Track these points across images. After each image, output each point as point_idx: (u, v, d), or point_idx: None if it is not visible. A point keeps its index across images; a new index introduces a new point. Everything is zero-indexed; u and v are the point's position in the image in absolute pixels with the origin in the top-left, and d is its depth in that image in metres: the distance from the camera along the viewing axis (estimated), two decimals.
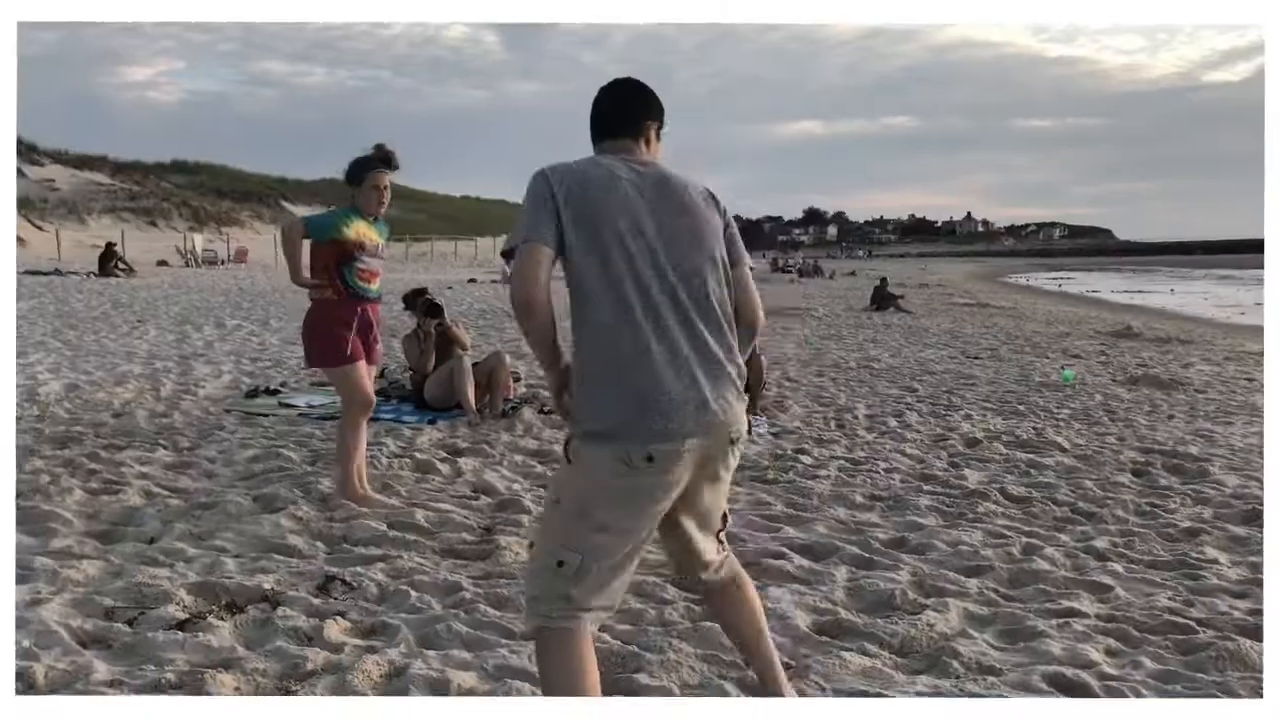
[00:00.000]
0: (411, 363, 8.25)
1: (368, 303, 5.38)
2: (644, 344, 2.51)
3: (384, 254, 5.52)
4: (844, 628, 3.74)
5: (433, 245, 66.88)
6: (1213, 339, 18.13)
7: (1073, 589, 4.24)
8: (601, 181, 2.61)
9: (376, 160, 5.31)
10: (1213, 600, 4.14)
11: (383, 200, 5.36)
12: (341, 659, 3.32)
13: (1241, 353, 15.27)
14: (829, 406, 9.08)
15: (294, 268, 5.27)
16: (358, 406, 5.36)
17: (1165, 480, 6.35)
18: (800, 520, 5.25)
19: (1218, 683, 3.30)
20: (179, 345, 12.74)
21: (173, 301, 20.31)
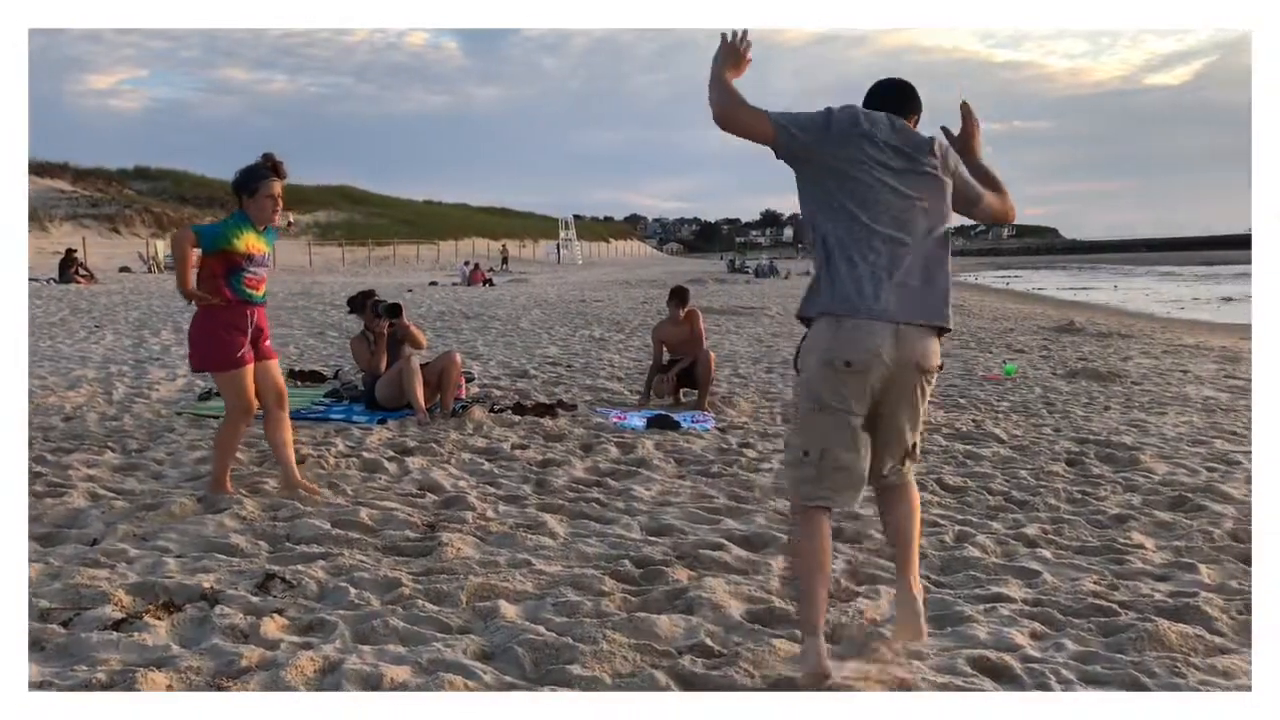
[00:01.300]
0: (362, 364, 8.24)
1: (255, 306, 5.46)
2: None
3: (270, 261, 5.62)
4: (777, 616, 3.81)
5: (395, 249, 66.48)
6: (1151, 333, 18.48)
7: (1001, 575, 4.35)
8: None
9: (268, 170, 5.35)
10: (1136, 584, 4.27)
11: (276, 209, 5.41)
12: (277, 655, 3.34)
13: (1178, 346, 15.60)
14: (776, 401, 9.19)
15: (183, 278, 5.29)
16: (240, 411, 5.47)
17: (1098, 469, 6.51)
18: (741, 512, 5.34)
19: (1135, 663, 3.41)
20: (135, 350, 12.63)
21: (132, 307, 20.08)
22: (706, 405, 8.64)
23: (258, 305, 5.50)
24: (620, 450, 6.80)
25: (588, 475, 6.13)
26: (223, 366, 5.38)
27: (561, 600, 3.91)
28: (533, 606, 3.87)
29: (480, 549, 4.63)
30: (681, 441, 7.14)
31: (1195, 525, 5.15)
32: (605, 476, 6.10)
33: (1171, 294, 39.15)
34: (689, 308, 9.24)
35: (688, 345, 9.09)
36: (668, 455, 6.68)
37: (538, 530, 4.91)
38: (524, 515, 5.18)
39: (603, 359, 12.35)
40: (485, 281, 37.03)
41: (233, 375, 5.39)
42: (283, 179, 5.40)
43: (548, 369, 11.24)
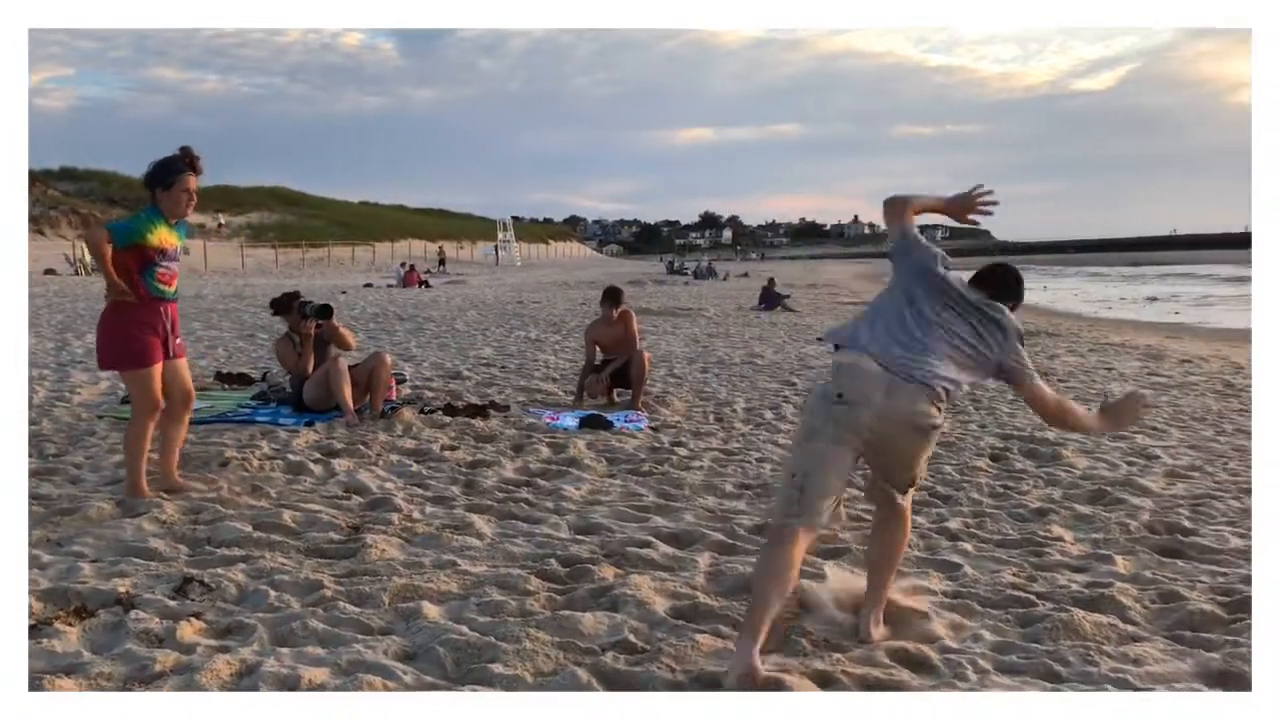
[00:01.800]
0: (288, 366, 8.11)
1: (168, 303, 5.39)
2: None
3: (181, 256, 5.53)
4: (701, 611, 3.83)
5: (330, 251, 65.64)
6: (1079, 332, 18.86)
7: (924, 568, 4.41)
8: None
9: (185, 164, 5.27)
10: (1054, 575, 4.35)
11: (190, 203, 5.33)
12: (192, 660, 3.28)
13: (1104, 344, 15.94)
14: (709, 401, 9.22)
15: (110, 275, 5.19)
16: (148, 410, 5.39)
17: (1020, 464, 6.63)
18: (670, 510, 5.35)
19: (1050, 652, 3.47)
20: (58, 353, 12.33)
21: (56, 310, 19.62)
22: (640, 405, 8.65)
23: (170, 302, 5.40)
24: (551, 450, 6.78)
25: (517, 476, 6.11)
26: (133, 365, 5.28)
27: (486, 600, 3.89)
28: (456, 607, 3.84)
29: (405, 550, 4.59)
30: (614, 441, 7.14)
31: (1113, 518, 5.26)
32: (535, 477, 6.08)
33: (1099, 294, 40.00)
34: (623, 308, 9.24)
35: (622, 345, 9.09)
36: (599, 455, 6.67)
37: (464, 531, 4.88)
38: (451, 516, 5.15)
39: (538, 360, 12.32)
40: (421, 283, 36.72)
41: (143, 374, 5.28)
42: (199, 174, 5.31)
43: (481, 370, 11.18)
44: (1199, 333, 21.42)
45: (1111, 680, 3.22)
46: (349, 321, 17.20)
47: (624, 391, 9.00)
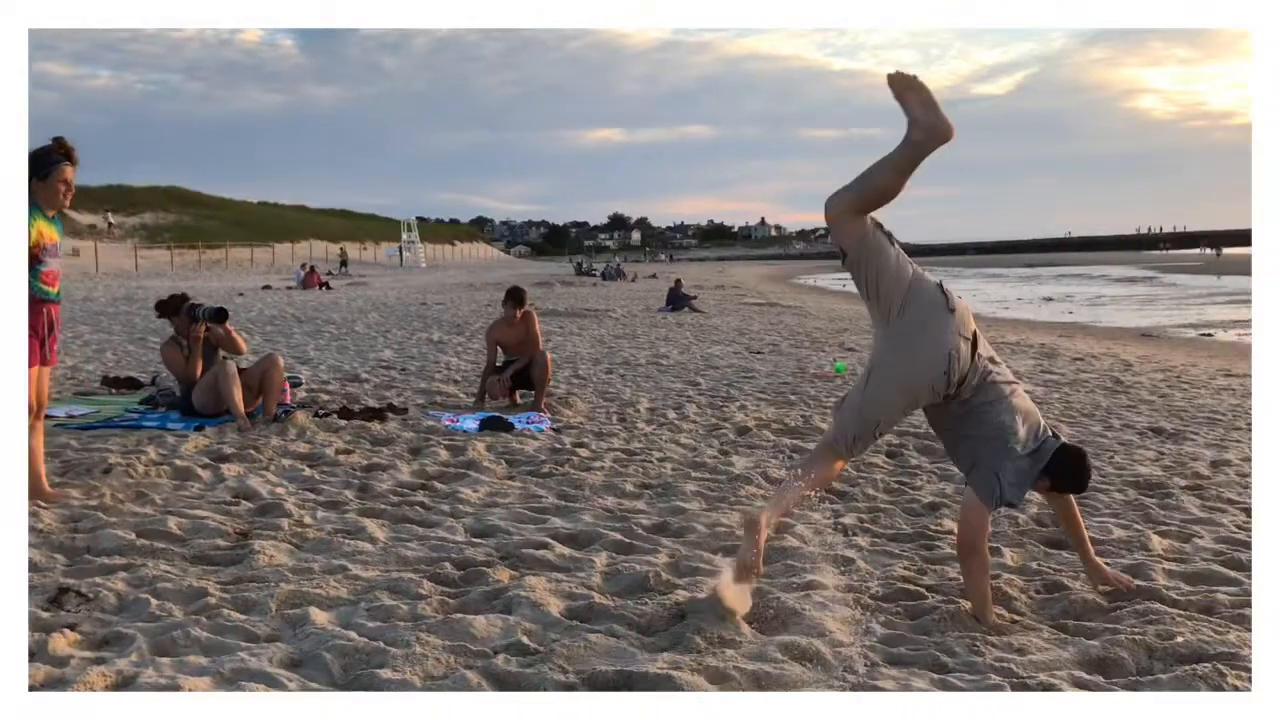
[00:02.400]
0: (176, 371, 7.87)
1: (51, 304, 5.22)
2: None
3: (63, 255, 5.34)
4: (596, 611, 3.80)
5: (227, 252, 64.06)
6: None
7: (818, 563, 4.45)
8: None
9: (60, 155, 5.07)
10: (944, 568, 4.43)
11: (68, 195, 5.14)
12: (65, 672, 3.14)
13: (1000, 344, 16.32)
14: (613, 401, 9.21)
15: None
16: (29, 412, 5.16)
17: (915, 460, 6.75)
18: (568, 510, 5.32)
19: (937, 643, 3.53)
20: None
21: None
22: (542, 406, 8.59)
23: (54, 303, 5.19)
24: (450, 453, 6.69)
25: (414, 479, 6.01)
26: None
27: (376, 605, 3.81)
28: (346, 612, 3.76)
29: (294, 556, 4.47)
30: (514, 443, 7.08)
31: (1002, 511, 5.37)
32: (432, 480, 5.99)
33: (997, 294, 41.09)
34: (525, 309, 9.18)
35: (524, 346, 9.03)
36: (499, 457, 6.61)
37: (357, 535, 4.78)
38: (343, 521, 5.04)
39: (440, 362, 12.17)
40: (322, 285, 36.08)
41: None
42: (75, 164, 5.11)
43: (381, 372, 11.01)
44: (1092, 331, 22.12)
45: (995, 669, 3.28)
46: (245, 325, 16.82)
47: (527, 393, 8.93)
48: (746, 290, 39.01)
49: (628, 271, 53.40)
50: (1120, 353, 15.42)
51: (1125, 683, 3.23)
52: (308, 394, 9.21)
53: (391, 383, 10.18)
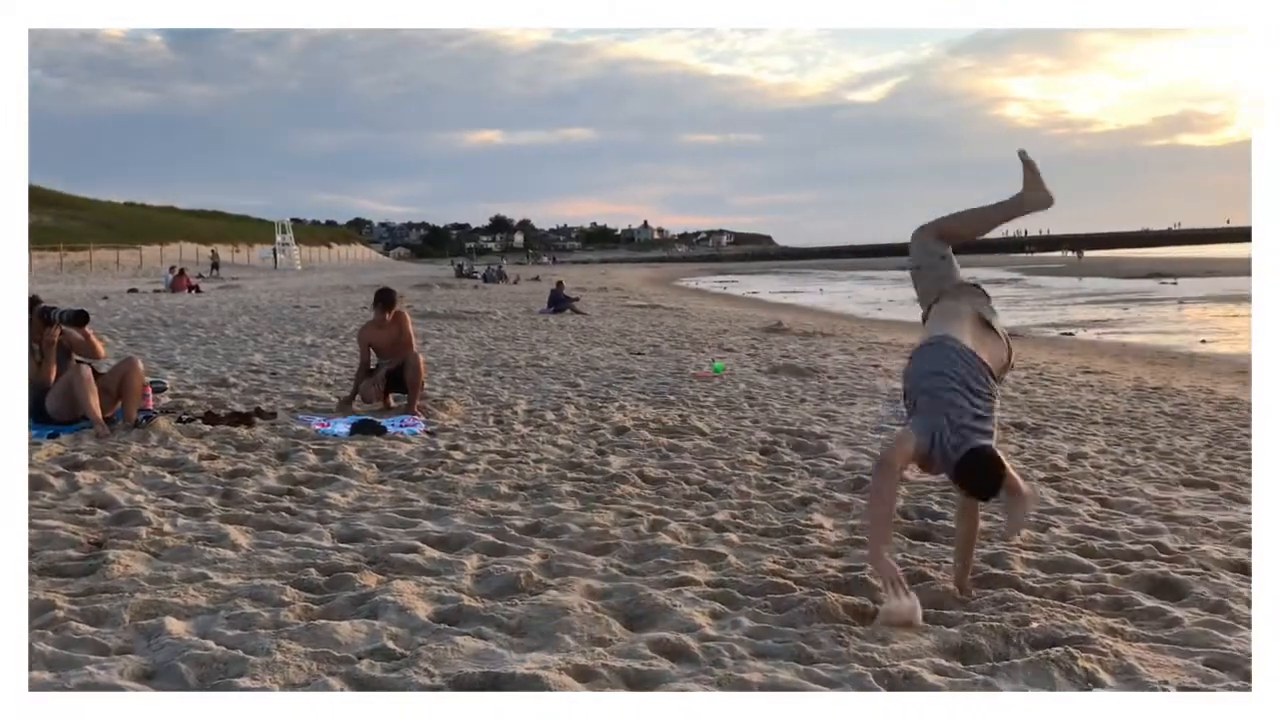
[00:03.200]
0: (28, 377, 7.49)
1: None
2: None
3: None
4: (465, 614, 3.75)
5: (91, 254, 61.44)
6: (850, 332, 19.77)
7: (690, 559, 4.48)
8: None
9: None
10: (812, 561, 4.50)
11: None
12: None
13: (873, 343, 16.75)
14: (490, 403, 9.13)
15: None
16: None
17: (788, 457, 6.86)
18: (440, 513, 5.24)
19: (803, 635, 3.57)
20: None
21: None
22: (416, 409, 8.44)
23: None
24: (319, 457, 6.53)
25: (280, 484, 5.85)
26: None
27: (236, 613, 3.69)
28: (204, 621, 3.63)
29: (151, 565, 4.30)
30: (386, 446, 6.95)
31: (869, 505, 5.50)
32: (299, 485, 5.83)
33: (871, 296, 42.10)
34: (397, 309, 9.02)
35: (397, 348, 8.87)
36: (369, 461, 6.48)
37: (218, 543, 4.62)
38: (205, 528, 4.87)
39: (312, 365, 11.89)
40: (192, 288, 34.91)
41: None
42: None
43: (250, 377, 10.69)
44: None
45: (859, 659, 3.34)
46: (108, 329, 16.17)
47: (401, 396, 8.79)
48: (629, 292, 39.17)
49: (510, 274, 53.07)
50: None
51: (983, 669, 3.32)
52: (172, 399, 8.89)
53: (261, 387, 9.90)
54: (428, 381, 9.19)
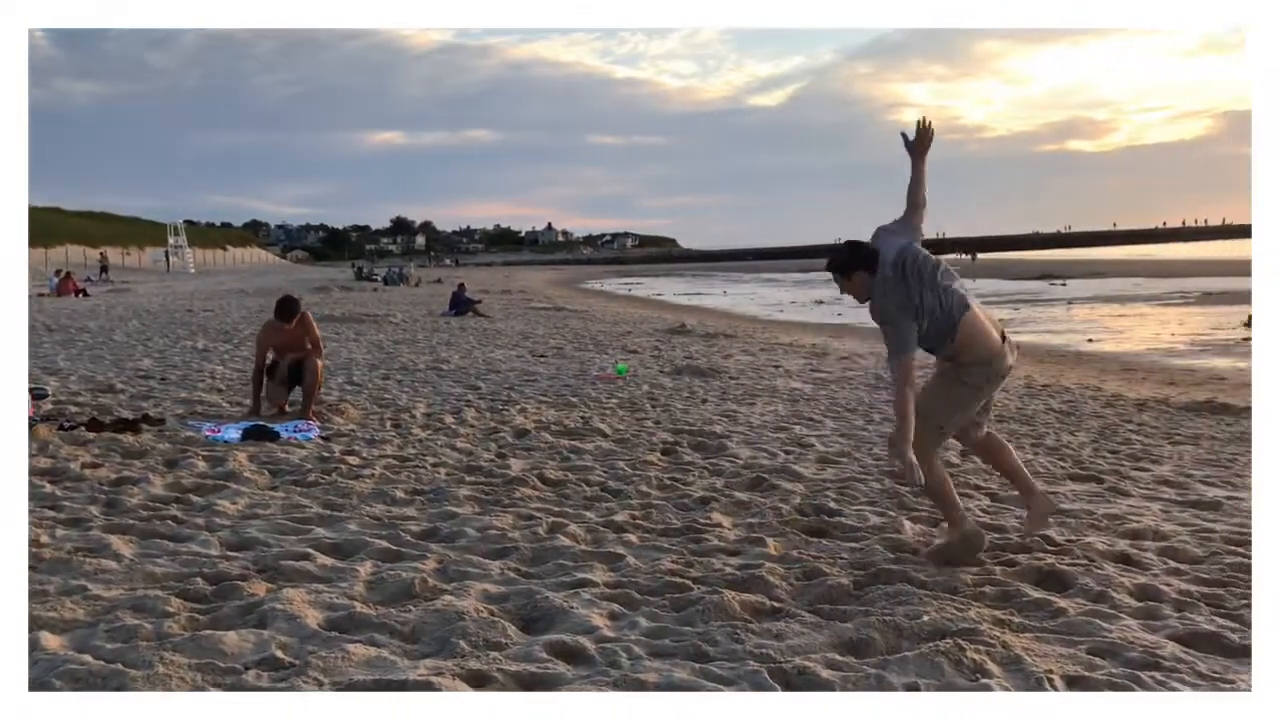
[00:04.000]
0: None
1: None
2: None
3: None
4: (356, 621, 3.67)
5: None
6: (752, 333, 19.97)
7: (589, 561, 4.46)
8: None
9: None
10: (710, 560, 4.52)
11: None
12: None
13: (774, 344, 16.94)
14: (388, 407, 8.98)
15: None
16: None
17: (689, 456, 6.88)
18: (334, 520, 5.13)
19: (700, 633, 3.59)
20: None
21: None
22: (312, 414, 8.24)
23: None
24: (209, 464, 6.34)
25: (167, 492, 5.66)
26: None
27: (117, 625, 3.55)
28: (82, 635, 3.49)
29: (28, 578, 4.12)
30: (279, 452, 6.78)
31: (768, 503, 5.56)
32: (188, 492, 5.66)
33: (773, 298, 42.56)
34: (301, 314, 8.75)
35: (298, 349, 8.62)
36: (261, 467, 6.31)
37: (99, 553, 4.45)
38: (86, 538, 4.69)
39: (204, 370, 11.57)
40: (79, 292, 33.76)
41: None
42: None
43: (138, 382, 10.35)
44: (859, 332, 23.19)
45: (755, 655, 3.36)
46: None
47: (297, 402, 8.57)
48: (533, 294, 38.98)
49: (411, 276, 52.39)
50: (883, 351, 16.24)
51: (875, 662, 3.37)
52: (54, 406, 8.55)
53: (149, 393, 9.58)
54: (324, 385, 9.00)
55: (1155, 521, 5.35)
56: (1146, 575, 4.40)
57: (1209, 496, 5.99)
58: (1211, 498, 5.96)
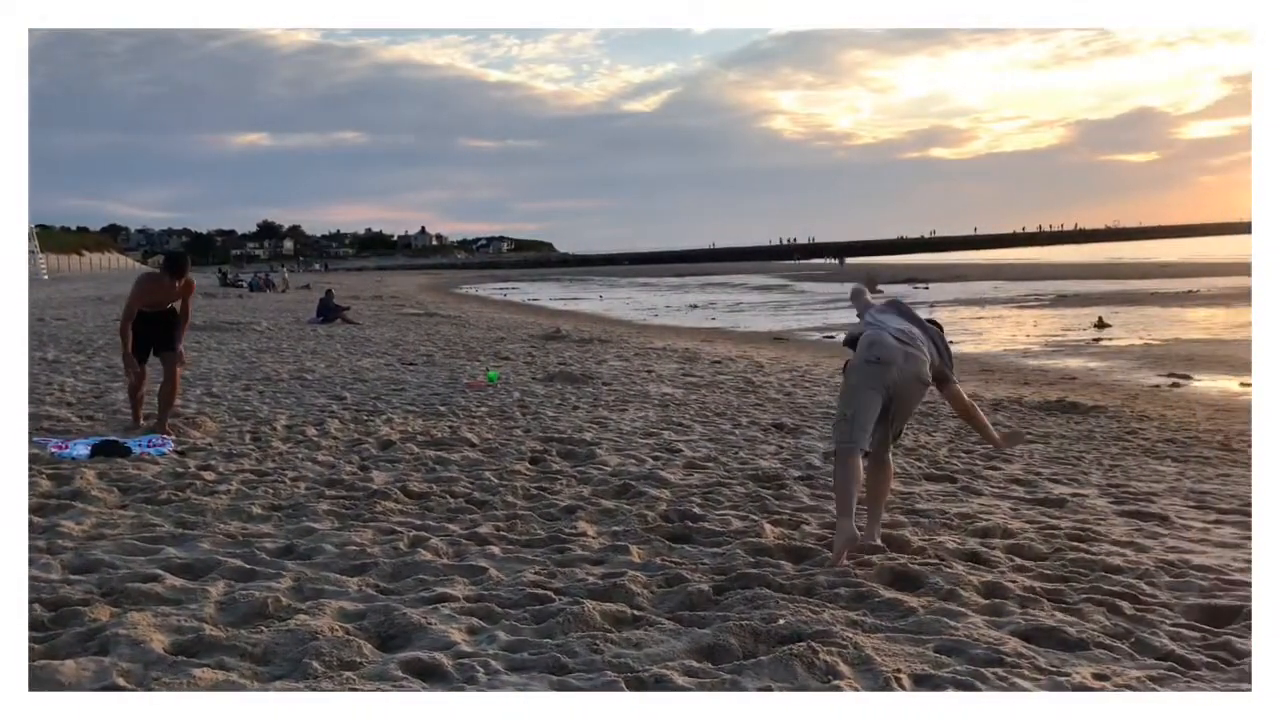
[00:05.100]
0: None
1: None
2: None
3: None
4: (205, 643, 3.56)
5: None
6: (627, 338, 20.05)
7: (450, 575, 4.41)
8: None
9: None
10: (574, 570, 4.52)
11: None
12: None
13: (648, 349, 17.04)
14: (248, 420, 8.73)
15: None
16: None
17: (558, 465, 6.87)
18: (186, 539, 4.96)
19: (559, 645, 3.58)
20: None
21: None
22: (167, 428, 7.93)
23: None
24: (53, 483, 6.06)
25: None
26: None
27: None
28: None
29: None
30: (130, 469, 6.52)
31: (633, 510, 5.58)
32: (30, 514, 5.39)
33: (648, 302, 42.89)
34: (187, 278, 8.34)
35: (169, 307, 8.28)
36: (111, 485, 6.06)
37: None
38: None
39: (53, 383, 11.05)
40: None
41: None
42: None
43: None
44: (731, 336, 23.58)
45: (613, 665, 3.37)
46: None
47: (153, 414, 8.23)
48: (405, 300, 38.39)
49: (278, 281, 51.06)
50: (754, 355, 16.52)
51: (731, 667, 3.42)
52: None
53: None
54: (181, 398, 8.70)
55: (1004, 519, 5.57)
56: (994, 573, 4.57)
57: (1055, 494, 6.26)
58: (1057, 495, 6.23)
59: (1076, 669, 3.46)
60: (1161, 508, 5.99)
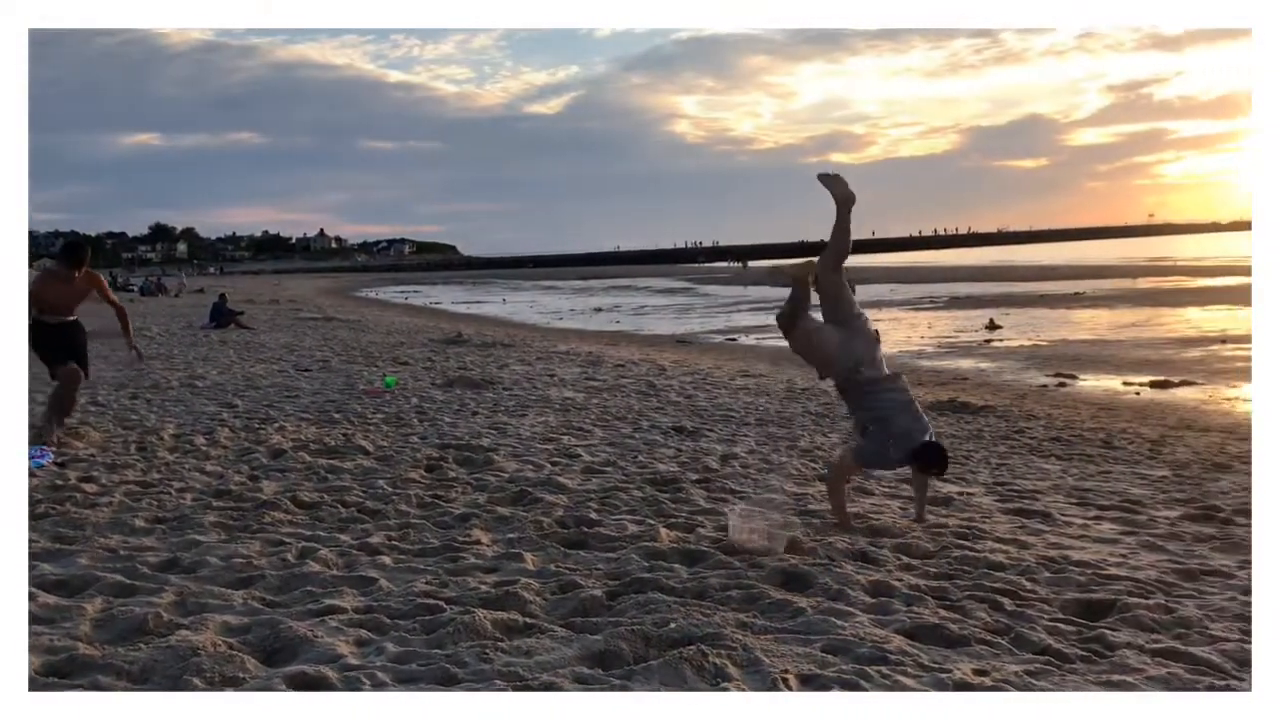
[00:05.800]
0: None
1: None
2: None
3: None
4: (79, 664, 3.44)
5: None
6: (530, 342, 19.96)
7: (339, 586, 4.34)
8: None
9: None
10: (466, 579, 4.48)
11: None
12: None
13: (550, 353, 16.98)
14: (134, 429, 8.47)
15: None
16: None
17: (454, 472, 6.81)
18: (62, 554, 4.79)
19: (448, 655, 3.54)
20: None
21: None
22: (52, 440, 7.62)
23: None
24: None
25: None
26: None
27: None
28: None
29: None
30: None
31: (529, 517, 5.56)
32: None
33: (552, 305, 42.76)
34: (87, 268, 8.03)
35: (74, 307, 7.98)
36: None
37: None
38: None
39: None
40: None
41: None
42: None
43: None
44: (634, 339, 23.63)
45: (503, 674, 3.35)
46: None
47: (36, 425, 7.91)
48: (303, 304, 37.69)
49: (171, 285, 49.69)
50: (657, 358, 16.58)
51: (622, 672, 3.42)
52: None
53: None
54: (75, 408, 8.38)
55: (893, 519, 5.68)
56: (881, 572, 4.66)
57: (943, 492, 6.41)
58: (945, 493, 6.38)
59: (958, 665, 3.55)
60: (1045, 505, 6.18)
